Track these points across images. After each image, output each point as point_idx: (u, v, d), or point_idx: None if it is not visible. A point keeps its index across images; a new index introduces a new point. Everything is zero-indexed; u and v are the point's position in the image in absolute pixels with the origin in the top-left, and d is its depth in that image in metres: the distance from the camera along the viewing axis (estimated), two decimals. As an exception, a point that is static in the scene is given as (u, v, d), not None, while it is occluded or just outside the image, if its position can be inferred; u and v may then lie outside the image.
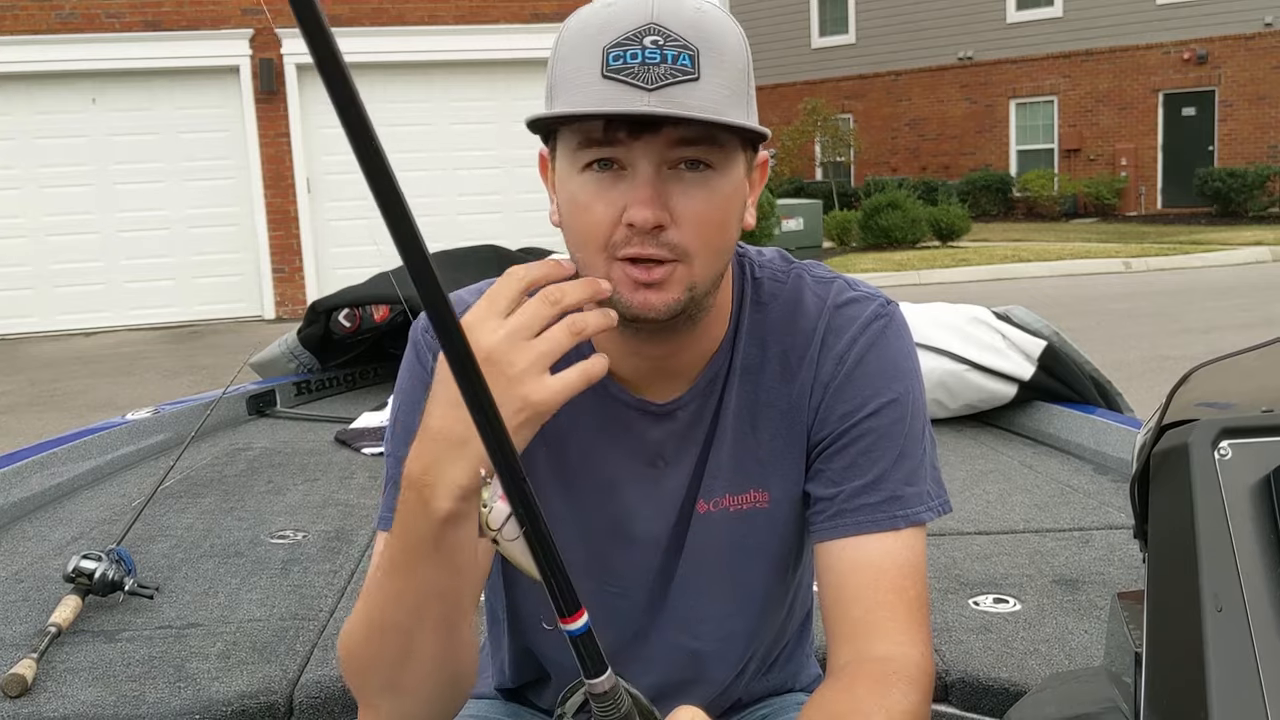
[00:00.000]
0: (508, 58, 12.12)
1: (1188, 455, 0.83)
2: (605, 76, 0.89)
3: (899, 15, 23.17)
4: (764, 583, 1.12)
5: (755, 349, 1.07)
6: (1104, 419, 2.98)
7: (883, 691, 0.93)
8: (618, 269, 0.93)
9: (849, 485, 1.03)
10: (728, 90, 0.91)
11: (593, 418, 1.06)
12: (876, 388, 1.04)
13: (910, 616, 0.98)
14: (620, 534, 1.09)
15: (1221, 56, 20.10)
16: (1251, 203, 18.85)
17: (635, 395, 1.06)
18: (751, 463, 1.07)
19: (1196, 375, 0.95)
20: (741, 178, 0.97)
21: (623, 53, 0.88)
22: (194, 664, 1.81)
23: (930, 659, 0.99)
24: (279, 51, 11.69)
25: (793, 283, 1.08)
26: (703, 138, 0.91)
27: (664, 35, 0.89)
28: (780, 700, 1.22)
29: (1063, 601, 1.97)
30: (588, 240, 0.94)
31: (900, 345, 1.07)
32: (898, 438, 1.04)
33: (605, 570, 1.10)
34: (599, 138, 0.91)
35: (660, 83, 0.88)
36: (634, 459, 1.07)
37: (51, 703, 1.67)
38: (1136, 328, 8.95)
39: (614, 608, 1.11)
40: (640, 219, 0.90)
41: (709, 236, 0.94)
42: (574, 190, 0.94)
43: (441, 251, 4.42)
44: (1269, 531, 0.78)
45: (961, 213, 16.77)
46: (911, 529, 1.02)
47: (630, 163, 0.91)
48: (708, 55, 0.90)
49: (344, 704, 1.72)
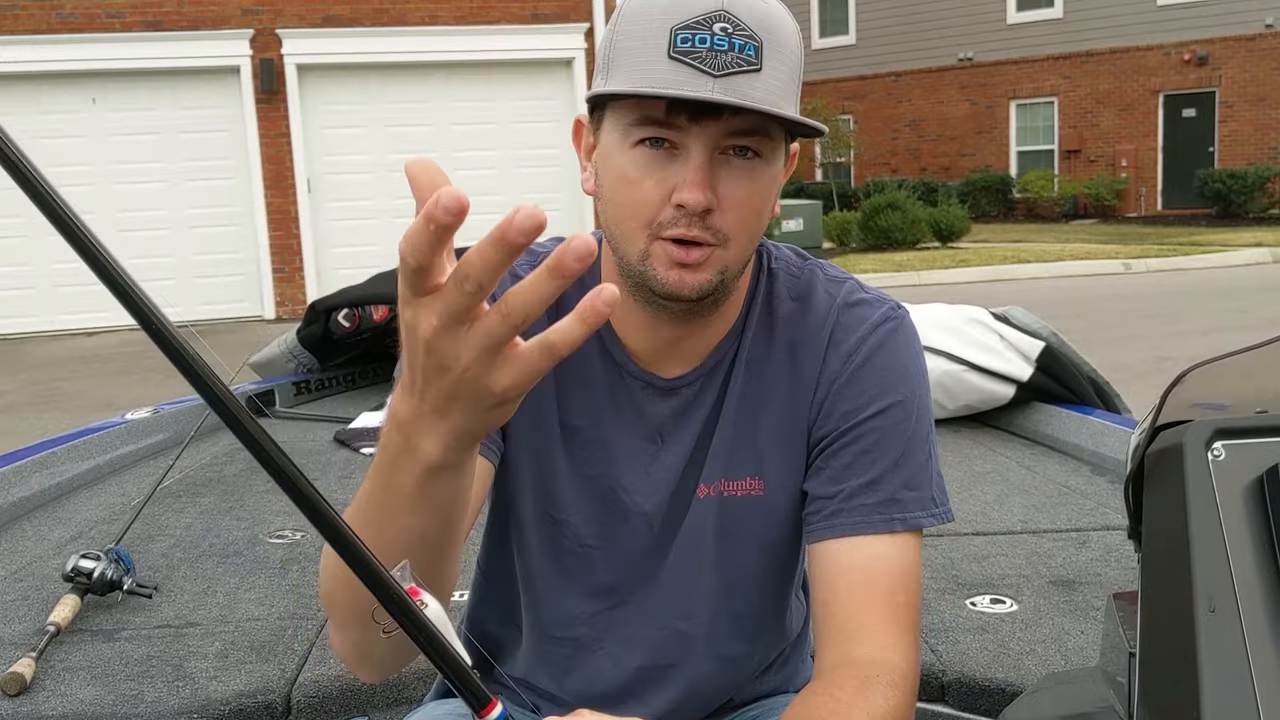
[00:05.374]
0: (508, 58, 12.13)
1: (1181, 456, 0.83)
2: (672, 57, 0.90)
3: (899, 16, 23.17)
4: (755, 571, 1.12)
5: (763, 339, 1.08)
6: (1102, 420, 2.99)
7: (865, 695, 0.92)
8: (659, 246, 0.95)
9: (848, 484, 1.03)
10: (784, 84, 0.93)
11: (602, 383, 1.08)
12: (882, 388, 1.04)
13: (898, 622, 0.98)
14: (615, 503, 1.09)
15: (1222, 58, 20.10)
16: (1252, 204, 18.85)
17: (642, 368, 1.07)
18: (749, 450, 1.08)
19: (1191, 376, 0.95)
20: (781, 168, 0.99)
21: (691, 36, 0.90)
22: (192, 663, 1.81)
23: (915, 665, 0.99)
24: (279, 52, 11.70)
25: (806, 278, 1.10)
26: (757, 128, 0.93)
27: (733, 24, 0.90)
28: (772, 701, 1.22)
29: (1059, 602, 1.98)
30: (632, 215, 0.95)
31: (909, 350, 1.07)
32: (900, 440, 1.03)
33: (595, 534, 1.11)
34: (659, 117, 0.92)
35: (726, 70, 0.89)
36: (633, 432, 1.08)
37: (50, 701, 1.68)
38: (1136, 329, 8.95)
39: (603, 574, 1.12)
40: (692, 201, 0.92)
41: (748, 222, 0.96)
42: (623, 164, 0.95)
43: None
44: (1262, 532, 0.78)
45: (961, 214, 16.77)
46: (908, 533, 1.02)
47: (684, 145, 0.93)
48: (770, 48, 0.91)
49: (342, 703, 1.73)
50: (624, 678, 1.15)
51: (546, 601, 1.14)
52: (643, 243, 0.95)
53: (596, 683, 1.16)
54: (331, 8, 11.74)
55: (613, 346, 1.07)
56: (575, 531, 1.10)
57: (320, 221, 12.08)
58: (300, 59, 11.74)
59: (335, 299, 3.98)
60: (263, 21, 11.66)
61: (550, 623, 1.15)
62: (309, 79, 11.86)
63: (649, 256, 0.95)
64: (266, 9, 11.66)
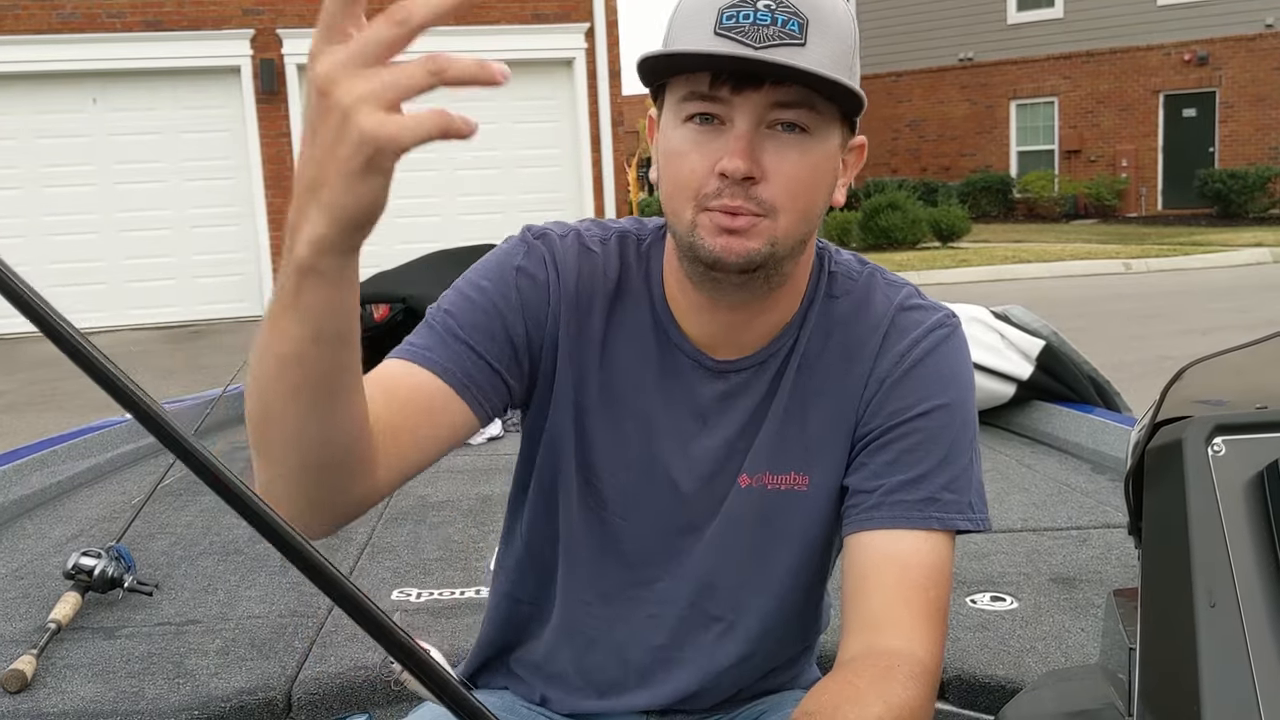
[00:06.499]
0: (508, 58, 11.99)
1: (1181, 452, 0.83)
2: (717, 34, 0.92)
3: (899, 16, 23.17)
4: (790, 564, 1.12)
5: (819, 337, 1.09)
6: (1102, 418, 2.99)
7: (884, 683, 0.93)
8: (705, 217, 0.96)
9: (889, 480, 1.04)
10: (831, 62, 0.94)
11: (653, 360, 1.09)
12: (931, 390, 1.05)
13: (927, 616, 0.99)
14: (651, 475, 1.10)
15: (1222, 58, 20.10)
16: (1252, 204, 18.85)
17: (695, 347, 1.09)
18: (797, 445, 1.09)
19: (1190, 372, 0.95)
20: (835, 149, 1.00)
21: (735, 13, 0.92)
22: (193, 660, 1.81)
23: (939, 660, 0.99)
24: (280, 52, 11.71)
25: (865, 281, 1.11)
26: (802, 101, 0.94)
27: (778, 1, 0.93)
28: (779, 697, 1.23)
29: (1060, 600, 1.98)
30: (680, 188, 0.98)
31: (960, 357, 1.09)
32: (944, 442, 1.04)
33: (625, 505, 1.11)
34: (703, 91, 0.95)
35: (768, 43, 0.92)
36: (678, 410, 1.10)
37: (51, 698, 1.68)
38: (1136, 329, 8.95)
39: (628, 544, 1.12)
40: (732, 168, 0.93)
41: (796, 194, 0.97)
42: (674, 141, 0.98)
43: (441, 251, 4.43)
44: (1262, 527, 0.78)
45: (962, 214, 16.77)
46: (944, 534, 1.03)
47: (729, 118, 0.95)
48: (816, 26, 0.93)
49: (342, 700, 1.73)
50: (644, 658, 1.15)
51: (582, 566, 1.15)
52: (690, 214, 0.97)
53: (615, 662, 1.16)
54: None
55: (669, 325, 1.09)
56: (610, 499, 1.11)
57: (321, 221, 12.08)
58: (301, 59, 11.74)
59: (335, 298, 3.98)
60: (263, 21, 11.66)
61: (585, 588, 1.15)
62: (309, 79, 11.88)
63: (696, 227, 0.97)
64: (267, 9, 11.66)
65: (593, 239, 1.11)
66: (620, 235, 1.12)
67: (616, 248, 1.11)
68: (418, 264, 4.26)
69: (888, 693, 0.92)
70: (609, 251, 1.11)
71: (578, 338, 1.09)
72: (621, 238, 1.12)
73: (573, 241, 1.10)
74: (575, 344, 1.09)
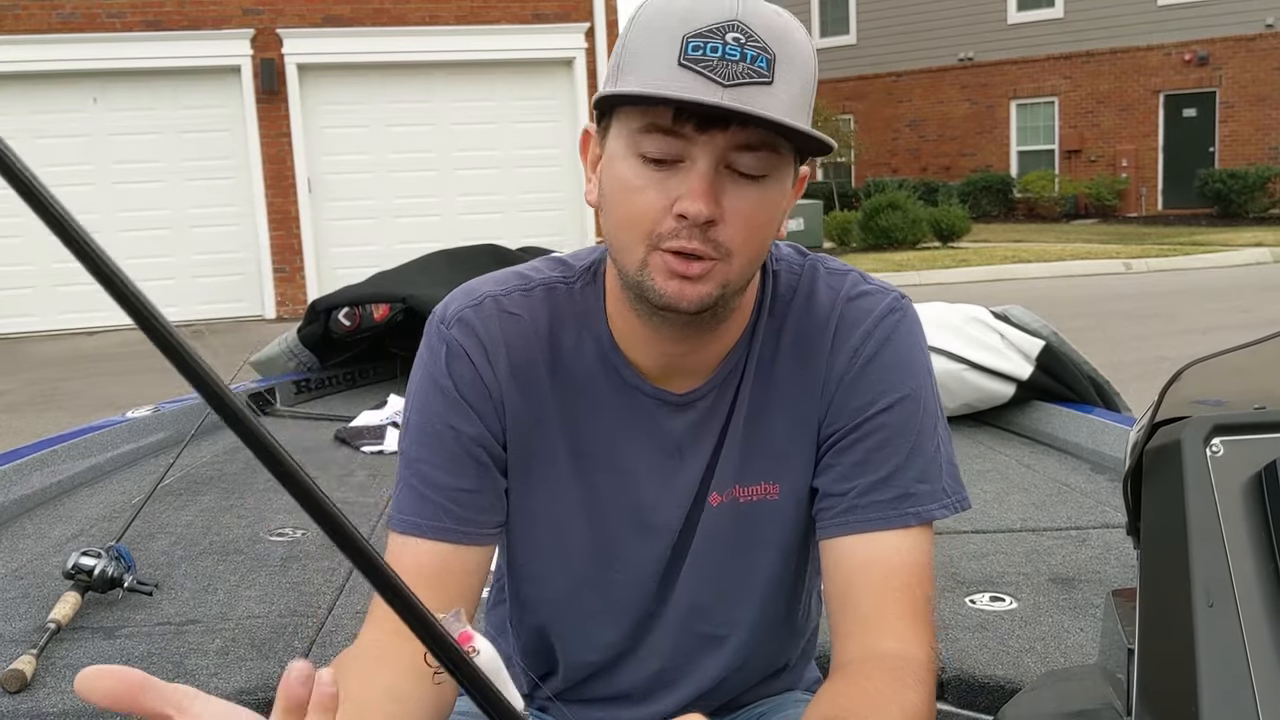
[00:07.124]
0: (508, 58, 12.13)
1: (1180, 452, 0.83)
2: (681, 64, 0.88)
3: (899, 16, 23.16)
4: (774, 573, 1.12)
5: (771, 342, 1.07)
6: (1102, 418, 2.99)
7: (897, 689, 0.93)
8: (658, 258, 0.93)
9: (861, 481, 1.03)
10: (795, 101, 0.90)
11: (613, 406, 1.06)
12: (890, 383, 1.04)
13: (917, 616, 0.99)
14: (635, 522, 1.09)
15: (1222, 58, 20.09)
16: (1252, 204, 18.84)
17: (654, 385, 1.06)
18: (763, 455, 1.07)
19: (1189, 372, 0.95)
20: (789, 188, 0.97)
21: (703, 44, 0.88)
22: (193, 660, 1.81)
23: (934, 658, 1.00)
24: (280, 51, 11.70)
25: (807, 274, 1.09)
26: (765, 144, 0.91)
27: (746, 35, 0.88)
28: (779, 699, 1.23)
29: (1059, 600, 1.98)
30: (632, 225, 0.93)
31: (914, 340, 1.07)
32: (910, 434, 1.04)
33: (616, 557, 1.10)
34: (665, 126, 0.90)
35: (736, 80, 0.87)
36: (652, 449, 1.07)
37: (51, 698, 1.68)
38: (1136, 329, 8.95)
39: (622, 594, 1.12)
40: (694, 211, 0.89)
41: (749, 238, 0.93)
42: (626, 173, 0.93)
43: (441, 251, 4.43)
44: (1260, 528, 0.78)
45: (962, 213, 16.76)
46: (921, 527, 1.03)
47: (690, 156, 0.90)
48: (783, 63, 0.89)
49: (342, 701, 1.73)
50: (642, 684, 1.16)
51: (575, 634, 1.15)
52: (641, 253, 0.93)
53: (611, 688, 1.17)
54: (332, 7, 11.74)
55: (620, 366, 1.06)
56: (596, 559, 1.10)
57: (321, 221, 12.08)
58: (301, 59, 11.75)
59: (336, 298, 3.99)
60: (263, 21, 11.66)
61: (583, 650, 1.16)
62: (310, 79, 11.87)
63: (647, 266, 0.93)
64: (267, 9, 11.66)
65: (513, 302, 1.05)
66: (545, 287, 1.07)
67: (544, 301, 1.06)
68: (418, 264, 4.26)
69: (903, 699, 0.92)
70: (535, 308, 1.06)
71: (528, 410, 1.05)
72: (548, 290, 1.07)
73: (491, 311, 1.05)
74: (527, 418, 1.05)
